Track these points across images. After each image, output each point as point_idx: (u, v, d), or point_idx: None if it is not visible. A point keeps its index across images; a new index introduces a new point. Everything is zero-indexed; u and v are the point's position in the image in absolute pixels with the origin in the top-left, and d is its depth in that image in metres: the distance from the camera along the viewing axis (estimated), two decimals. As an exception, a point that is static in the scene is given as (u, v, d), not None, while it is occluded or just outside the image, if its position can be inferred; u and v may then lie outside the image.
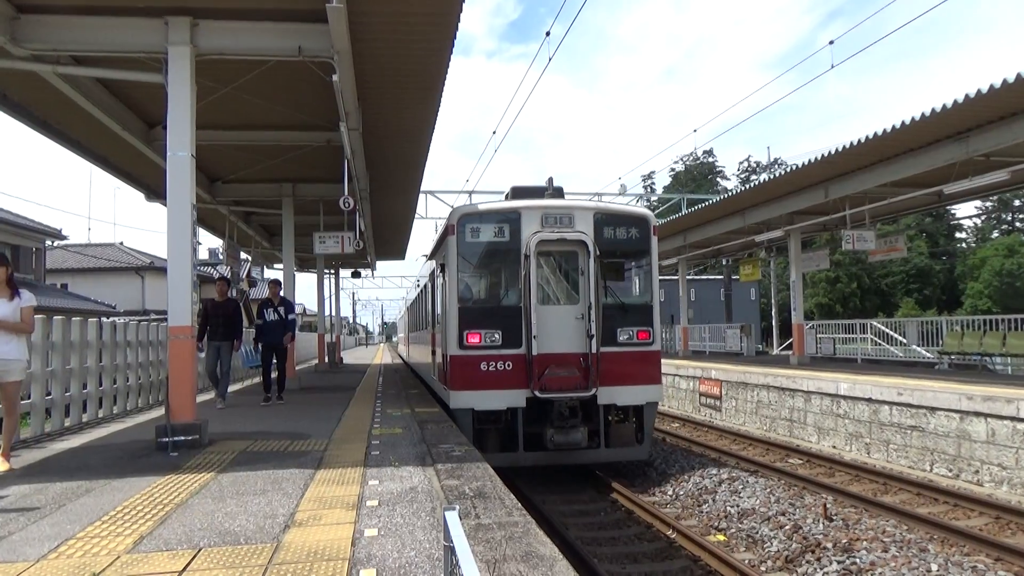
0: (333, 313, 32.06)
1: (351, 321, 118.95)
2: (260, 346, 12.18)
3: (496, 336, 10.12)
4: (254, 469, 6.36)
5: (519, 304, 10.17)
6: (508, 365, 10.05)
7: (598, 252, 10.26)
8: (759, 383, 15.53)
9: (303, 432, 8.57)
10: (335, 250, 15.54)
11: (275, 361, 12.23)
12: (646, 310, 10.59)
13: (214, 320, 11.46)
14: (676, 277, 33.42)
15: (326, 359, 25.88)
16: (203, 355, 11.84)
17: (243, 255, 21.08)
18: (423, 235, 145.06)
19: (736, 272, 31.12)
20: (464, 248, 10.38)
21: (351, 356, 44.14)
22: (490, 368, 10.04)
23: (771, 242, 22.69)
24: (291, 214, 15.92)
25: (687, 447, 13.48)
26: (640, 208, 11.31)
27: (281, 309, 12.15)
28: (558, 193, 11.31)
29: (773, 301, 31.88)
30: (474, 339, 10.12)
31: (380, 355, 46.94)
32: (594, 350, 10.09)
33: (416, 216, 21.88)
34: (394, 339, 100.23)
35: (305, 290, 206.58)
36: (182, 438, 7.30)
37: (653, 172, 79.16)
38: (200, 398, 12.44)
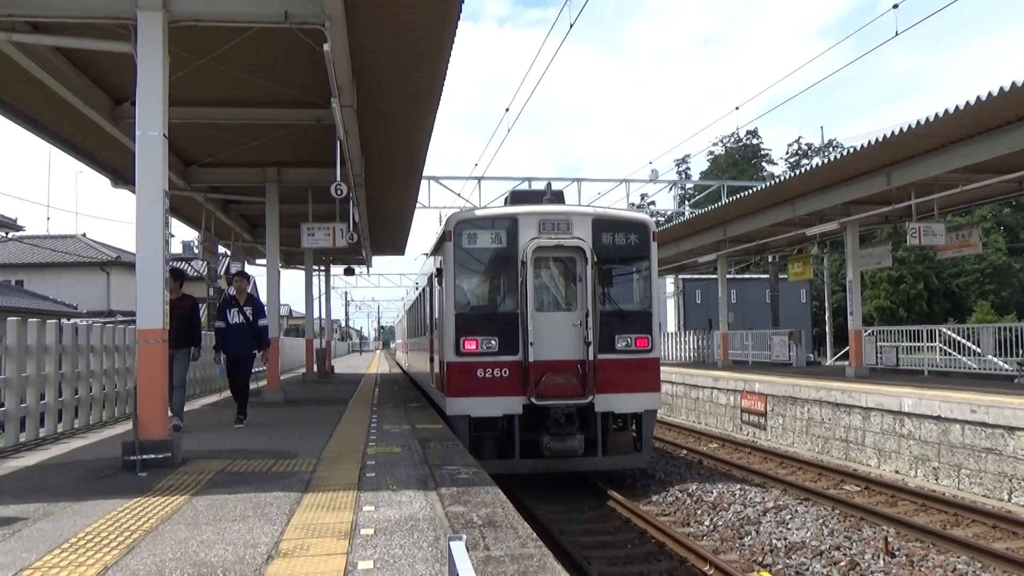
0: (323, 315, 32.21)
1: (343, 325, 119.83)
2: (224, 358, 11.28)
3: (493, 343, 11.40)
4: (233, 492, 6.39)
5: (516, 311, 11.38)
6: (505, 372, 11.31)
7: (596, 258, 11.42)
8: (810, 398, 15.45)
9: (288, 450, 8.61)
10: (325, 244, 15.61)
11: (240, 377, 11.46)
12: (645, 317, 11.80)
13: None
14: (715, 276, 33.34)
15: (315, 367, 25.98)
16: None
17: (221, 249, 21.25)
18: (426, 227, 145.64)
19: (784, 271, 30.99)
20: (461, 254, 11.63)
21: (343, 365, 44.30)
22: (487, 375, 11.31)
23: (824, 236, 22.56)
24: (276, 202, 16.02)
25: (727, 471, 13.44)
26: (639, 213, 12.51)
27: (248, 310, 11.14)
28: (557, 198, 12.62)
29: (827, 304, 31.72)
30: (471, 345, 11.39)
31: (376, 363, 47.09)
32: (591, 357, 11.23)
33: (417, 206, 21.95)
34: (392, 345, 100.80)
35: (290, 289, 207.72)
36: (152, 456, 7.35)
37: (688, 156, 79.07)
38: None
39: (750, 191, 19.00)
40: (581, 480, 12.53)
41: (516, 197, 12.91)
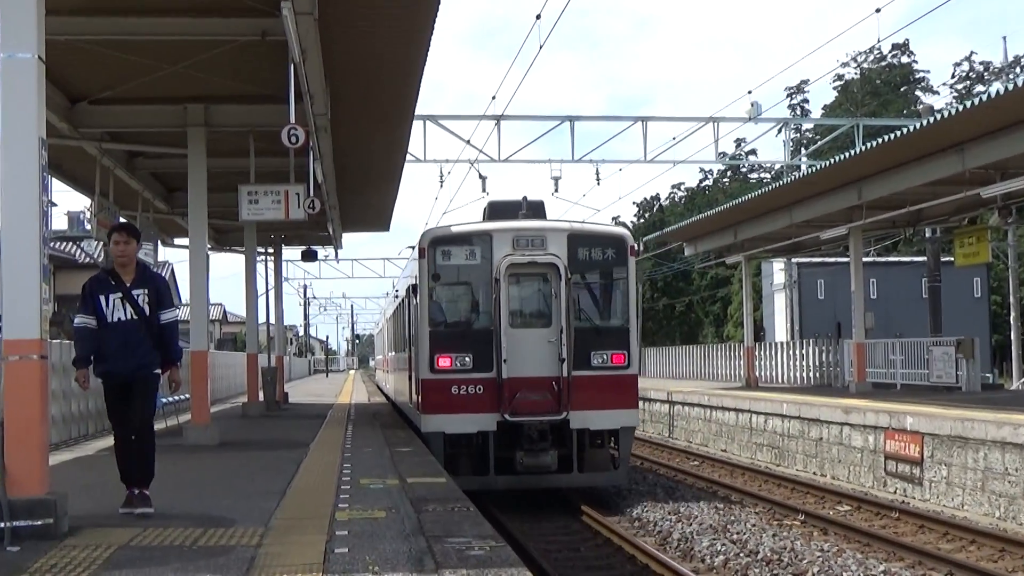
0: (272, 319, 32.40)
1: (301, 333, 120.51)
2: (103, 381, 9.11)
3: (467, 359, 15.87)
4: None
5: (490, 327, 15.75)
6: (479, 389, 15.75)
7: (570, 274, 15.77)
8: (990, 438, 15.27)
9: (224, 515, 8.64)
10: (275, 215, 15.70)
11: (132, 416, 8.98)
12: (622, 333, 16.34)
13: None
14: (845, 259, 33.05)
15: (260, 395, 26.17)
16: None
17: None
18: (420, 190, 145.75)
19: (949, 251, 30.60)
20: (435, 271, 16.19)
21: (302, 391, 44.52)
22: (461, 392, 15.79)
23: (1010, 199, 22.25)
24: (203, 155, 16.12)
25: (864, 543, 13.34)
26: (617, 228, 17.71)
27: (141, 295, 8.90)
28: (535, 210, 17.42)
29: (1012, 300, 31.31)
30: (445, 362, 15.92)
31: (349, 388, 47.21)
32: (566, 374, 15.67)
33: (408, 158, 21.97)
34: (371, 363, 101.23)
35: (225, 282, 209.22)
36: (27, 523, 7.40)
37: (806, 83, 78.38)
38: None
39: (897, 133, 18.81)
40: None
41: (494, 210, 17.61)
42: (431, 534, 7.73)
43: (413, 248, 19.60)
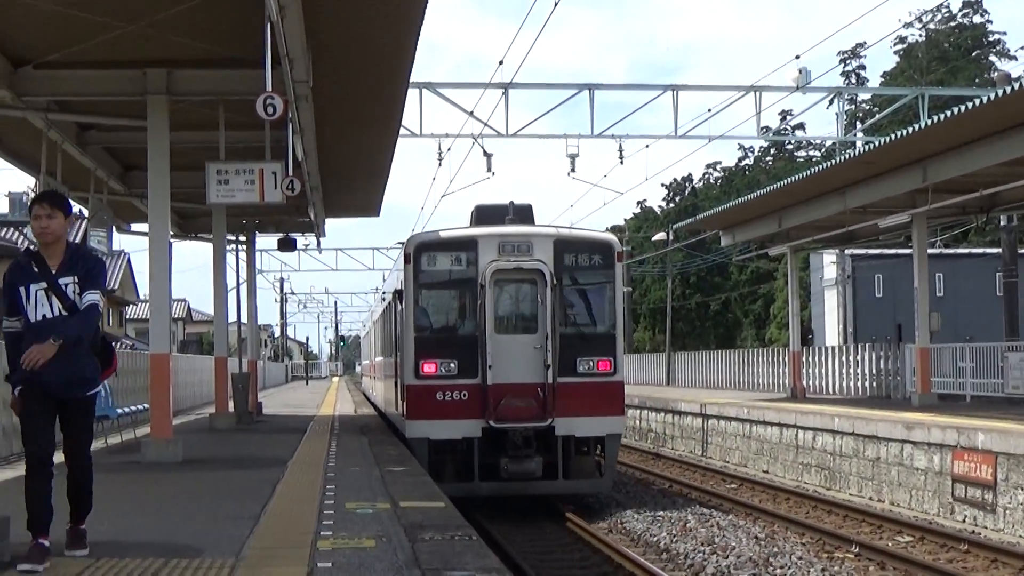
0: (243, 318, 32.44)
1: (277, 334, 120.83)
2: (19, 393, 7.99)
3: (452, 365, 18.24)
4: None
5: (476, 333, 18.17)
6: (464, 395, 18.09)
7: (556, 280, 18.20)
8: (1073, 459, 15.22)
9: (189, 543, 8.63)
10: (248, 198, 15.72)
11: (69, 444, 8.23)
12: (608, 340, 18.89)
13: None
14: (907, 251, 33.00)
15: (230, 405, 26.20)
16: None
17: (75, 206, 21.44)
18: (415, 169, 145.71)
19: (1027, 241, 30.49)
20: (420, 277, 18.78)
21: (278, 400, 44.63)
22: (446, 398, 18.13)
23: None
24: (164, 128, 16.12)
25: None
26: (604, 233, 20.77)
27: (71, 284, 8.06)
28: (522, 215, 19.94)
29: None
30: (429, 368, 18.36)
31: (332, 398, 47.28)
32: (551, 380, 18.02)
33: (402, 133, 21.96)
34: (358, 368, 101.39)
35: (189, 275, 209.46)
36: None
37: (862, 46, 78.26)
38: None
39: (969, 105, 18.76)
40: None
41: (482, 214, 20.25)
42: (428, 567, 7.73)
43: (404, 243, 21.78)
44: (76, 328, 7.79)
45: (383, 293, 30.85)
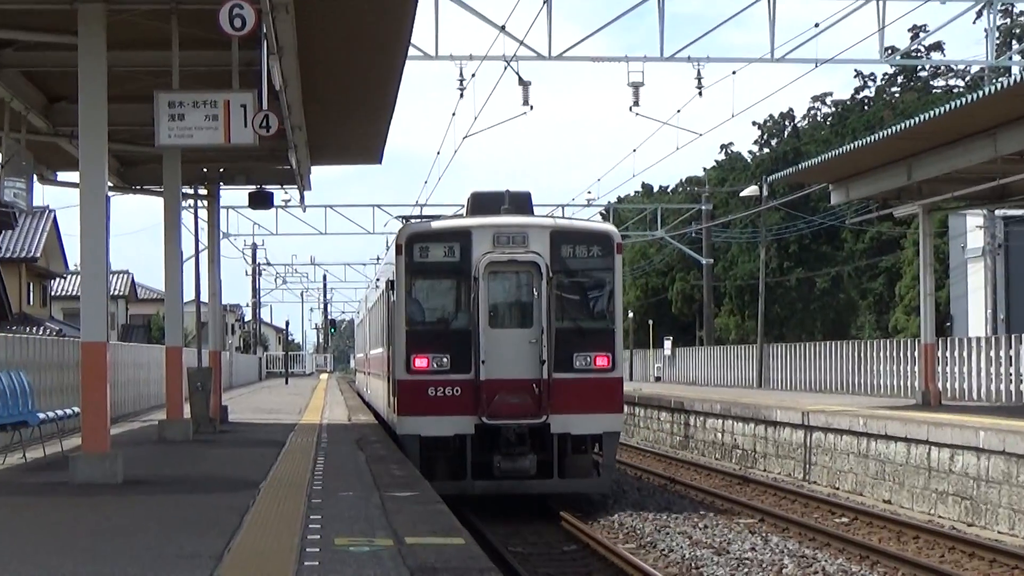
0: (204, 296, 32.54)
1: (248, 318, 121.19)
2: None
3: (444, 360, 22.15)
4: None
5: (469, 327, 22.12)
6: (457, 390, 22.04)
7: (552, 273, 22.02)
8: None
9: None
10: (210, 138, 15.71)
11: None
12: (606, 334, 22.91)
13: None
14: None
15: (185, 410, 26.30)
16: None
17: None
18: (428, 102, 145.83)
19: None
20: (413, 269, 22.79)
21: (249, 404, 44.84)
22: (438, 393, 22.07)
23: None
24: (102, 46, 16.10)
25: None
26: (603, 224, 27.90)
27: None
28: (519, 204, 23.82)
29: None
30: (421, 363, 22.29)
31: (319, 400, 47.41)
32: (546, 376, 21.98)
33: (412, 55, 21.90)
34: (351, 363, 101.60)
35: (133, 238, 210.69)
36: None
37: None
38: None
39: None
40: None
41: (477, 202, 24.30)
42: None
43: (405, 220, 26.89)
44: None
45: (376, 280, 36.49)
